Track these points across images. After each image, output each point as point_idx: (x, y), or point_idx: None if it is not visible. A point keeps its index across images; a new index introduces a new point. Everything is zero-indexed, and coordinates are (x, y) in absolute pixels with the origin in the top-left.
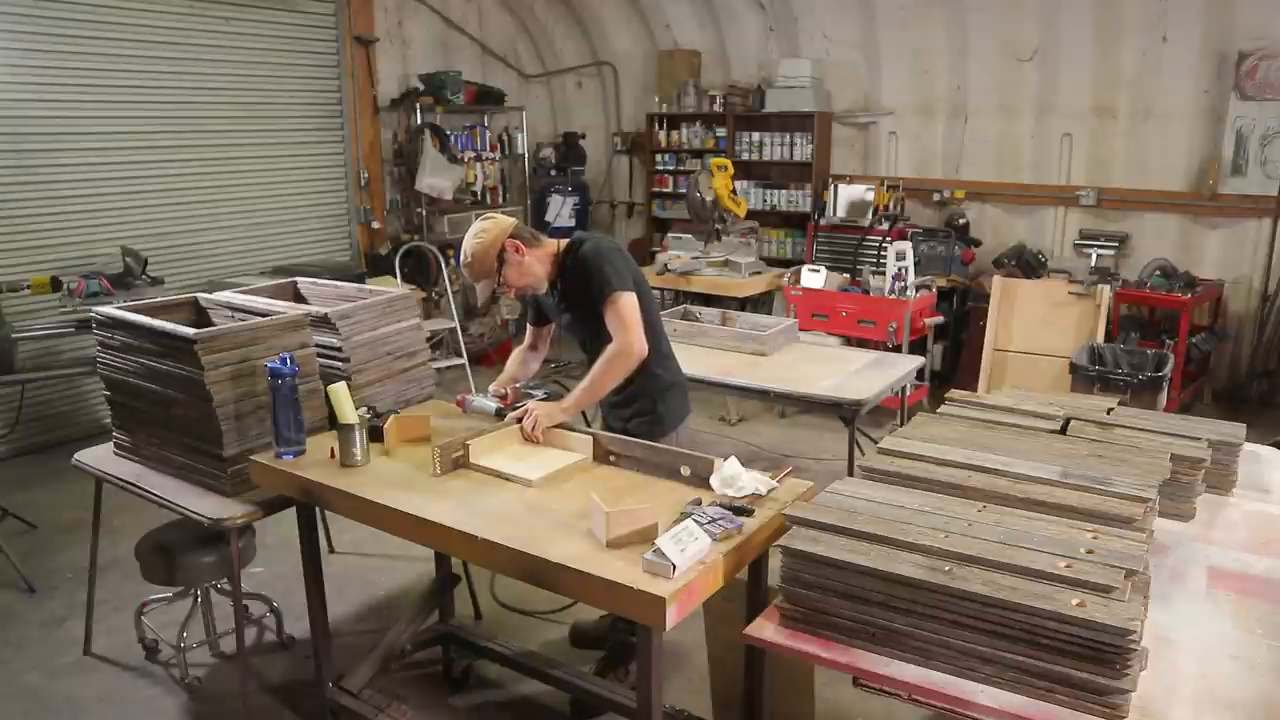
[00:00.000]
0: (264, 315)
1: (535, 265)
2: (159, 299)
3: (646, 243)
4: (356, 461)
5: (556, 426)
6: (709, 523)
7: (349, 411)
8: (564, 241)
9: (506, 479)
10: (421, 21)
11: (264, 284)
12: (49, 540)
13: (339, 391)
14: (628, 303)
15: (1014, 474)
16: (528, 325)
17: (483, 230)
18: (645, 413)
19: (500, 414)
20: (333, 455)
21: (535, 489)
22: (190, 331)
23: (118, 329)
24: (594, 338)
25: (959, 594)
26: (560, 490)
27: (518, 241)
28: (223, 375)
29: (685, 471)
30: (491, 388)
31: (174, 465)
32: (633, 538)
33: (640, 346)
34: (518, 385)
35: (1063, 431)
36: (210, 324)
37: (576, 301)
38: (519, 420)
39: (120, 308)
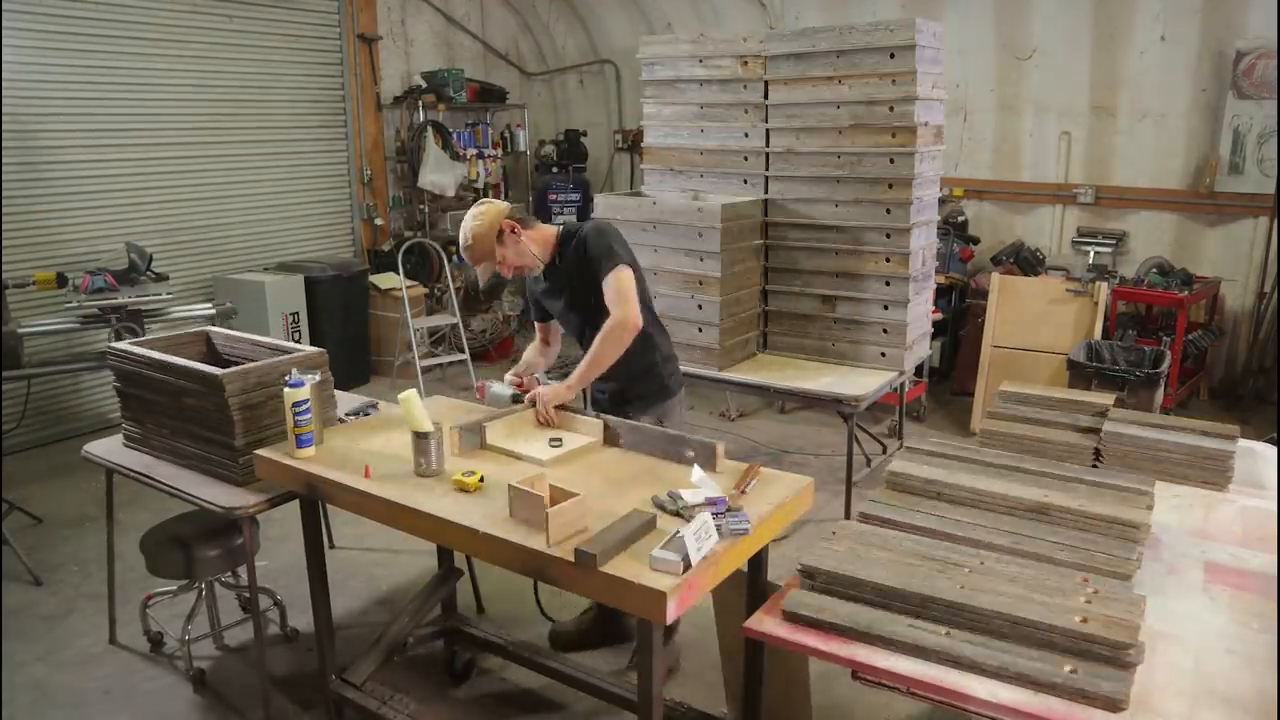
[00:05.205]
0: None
1: (532, 246)
2: (170, 334)
3: None
4: (432, 471)
5: (566, 409)
6: (723, 523)
7: (423, 420)
8: (561, 227)
9: (519, 459)
10: (424, 19)
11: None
12: (55, 534)
13: (410, 399)
14: (627, 277)
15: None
16: (535, 322)
17: (481, 214)
18: (652, 376)
19: (517, 399)
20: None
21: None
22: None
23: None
24: (590, 318)
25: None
26: (571, 474)
27: (514, 222)
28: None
29: (690, 454)
30: (508, 375)
31: (184, 456)
32: (570, 532)
33: (636, 319)
34: (535, 375)
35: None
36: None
37: (576, 280)
38: (531, 404)
39: (135, 343)
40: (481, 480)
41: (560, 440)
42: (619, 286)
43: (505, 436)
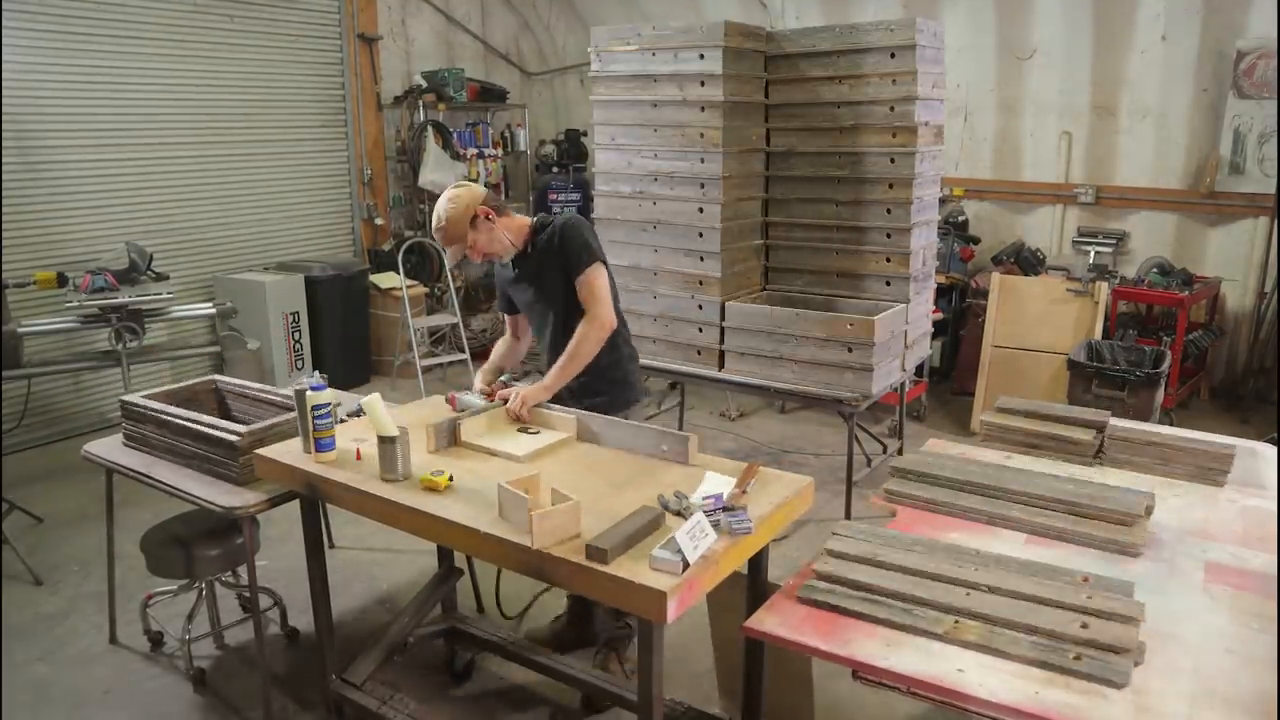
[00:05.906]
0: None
1: (504, 234)
2: (178, 384)
3: None
4: (397, 476)
5: (540, 405)
6: (723, 520)
7: (388, 424)
8: (535, 218)
9: (494, 455)
10: (424, 19)
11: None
12: (55, 533)
13: (374, 404)
14: (602, 277)
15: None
16: (504, 315)
17: (456, 196)
18: (617, 381)
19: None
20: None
21: (524, 467)
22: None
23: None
24: (556, 310)
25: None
26: (547, 469)
27: (489, 209)
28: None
29: (666, 448)
30: (477, 384)
31: (184, 455)
32: (559, 537)
33: (612, 319)
34: (502, 378)
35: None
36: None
37: (545, 271)
38: (505, 401)
39: (146, 396)
40: (451, 480)
41: (537, 430)
42: (594, 286)
43: (479, 433)
